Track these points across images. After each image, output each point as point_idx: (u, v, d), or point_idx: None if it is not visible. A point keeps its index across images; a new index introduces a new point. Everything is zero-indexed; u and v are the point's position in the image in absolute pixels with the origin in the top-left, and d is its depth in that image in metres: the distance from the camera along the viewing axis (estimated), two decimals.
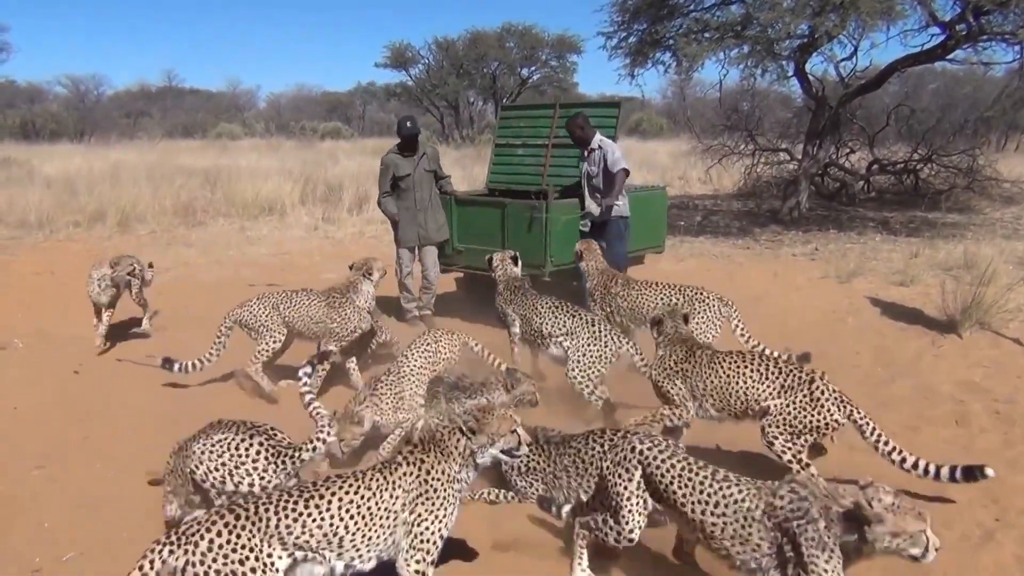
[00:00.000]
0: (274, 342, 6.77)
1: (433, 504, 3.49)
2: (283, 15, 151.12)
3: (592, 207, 8.08)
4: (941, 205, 17.06)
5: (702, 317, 6.45)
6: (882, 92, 17.90)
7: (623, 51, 17.32)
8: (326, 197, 18.14)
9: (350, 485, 3.41)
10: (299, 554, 3.29)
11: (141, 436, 5.71)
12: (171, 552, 3.12)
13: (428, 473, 3.53)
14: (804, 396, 4.66)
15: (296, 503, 3.30)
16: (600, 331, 6.19)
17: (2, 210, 15.14)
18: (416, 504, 3.47)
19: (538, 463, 4.72)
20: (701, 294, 6.61)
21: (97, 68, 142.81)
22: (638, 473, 3.76)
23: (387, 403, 5.45)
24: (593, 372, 6.12)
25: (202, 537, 3.14)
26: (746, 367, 4.88)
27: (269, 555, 3.21)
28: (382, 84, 49.07)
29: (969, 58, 15.71)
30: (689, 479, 3.58)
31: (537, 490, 4.71)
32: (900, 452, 4.63)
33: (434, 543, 3.50)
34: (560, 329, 6.38)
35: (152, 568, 3.10)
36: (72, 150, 29.71)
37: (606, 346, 6.12)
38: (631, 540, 3.79)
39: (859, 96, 17.01)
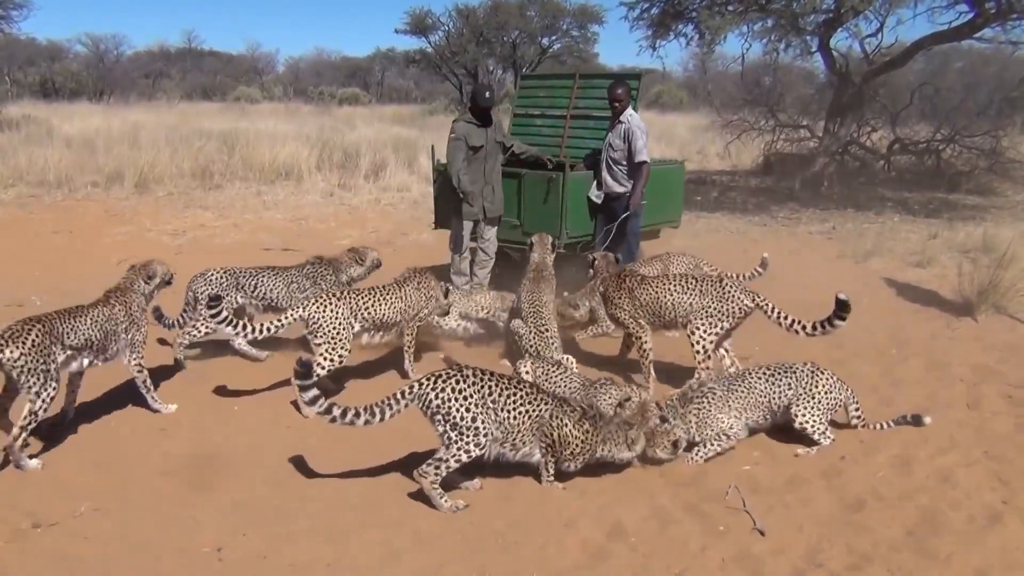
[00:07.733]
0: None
1: None
2: None
3: (608, 181, 8.08)
4: (962, 187, 16.87)
5: None
6: (906, 70, 17.60)
7: (645, 22, 17.19)
8: (343, 163, 18.10)
9: None
10: None
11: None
12: None
13: None
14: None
15: None
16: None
17: (22, 168, 15.20)
18: None
19: None
20: None
21: (117, 27, 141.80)
22: None
23: None
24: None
25: None
26: None
27: None
28: (401, 50, 48.82)
29: (997, 37, 15.51)
30: None
31: None
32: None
33: None
34: None
35: None
36: (91, 109, 29.73)
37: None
38: None
39: (883, 73, 16.78)
